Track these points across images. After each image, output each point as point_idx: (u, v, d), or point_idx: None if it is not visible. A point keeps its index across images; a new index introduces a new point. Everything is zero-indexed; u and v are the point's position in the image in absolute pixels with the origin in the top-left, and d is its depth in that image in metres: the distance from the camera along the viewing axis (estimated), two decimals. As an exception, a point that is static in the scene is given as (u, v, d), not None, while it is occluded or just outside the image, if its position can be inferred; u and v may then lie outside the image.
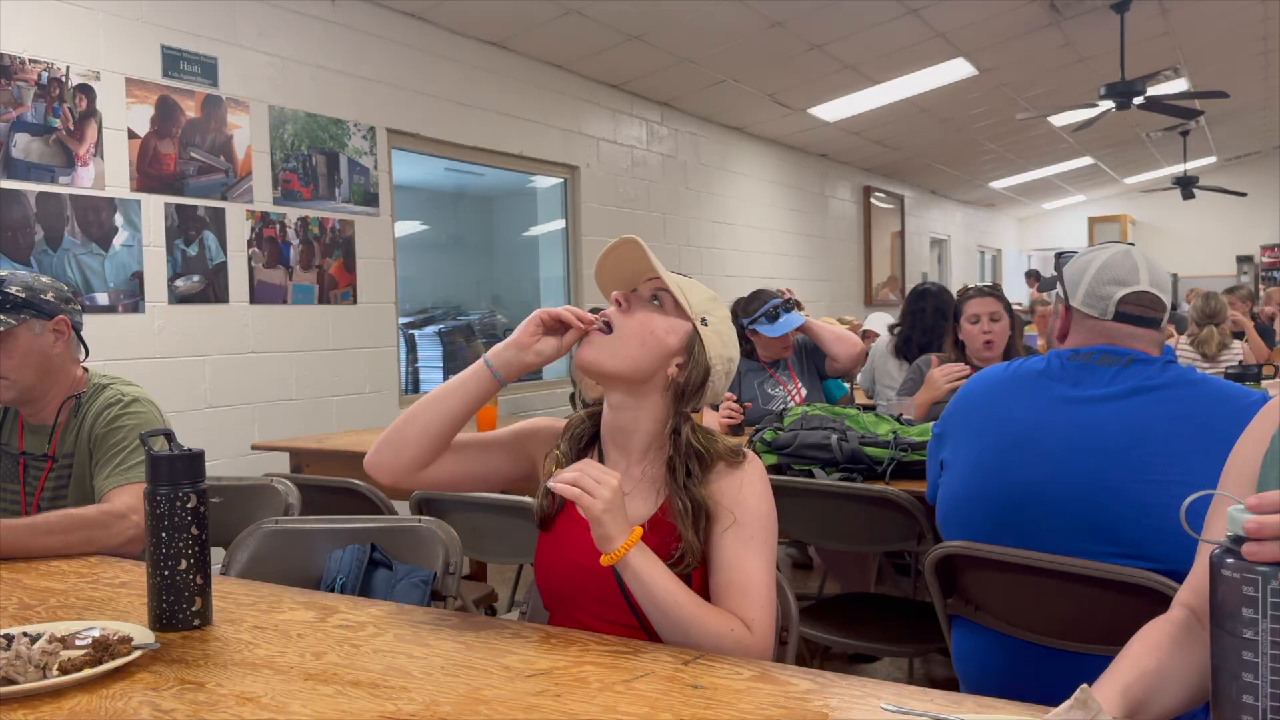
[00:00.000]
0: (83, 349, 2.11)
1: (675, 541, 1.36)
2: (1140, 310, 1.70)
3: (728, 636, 1.28)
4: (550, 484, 1.29)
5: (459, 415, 1.43)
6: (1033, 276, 13.08)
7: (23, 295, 1.99)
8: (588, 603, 1.40)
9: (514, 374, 1.43)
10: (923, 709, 1.01)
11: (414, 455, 1.43)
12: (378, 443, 1.46)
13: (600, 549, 1.28)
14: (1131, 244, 1.81)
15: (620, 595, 1.35)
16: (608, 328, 1.41)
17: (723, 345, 1.45)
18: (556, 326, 1.43)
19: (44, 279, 2.06)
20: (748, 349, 3.63)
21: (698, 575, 1.38)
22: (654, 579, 1.28)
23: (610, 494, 1.26)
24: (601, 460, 1.47)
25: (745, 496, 1.38)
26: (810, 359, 3.71)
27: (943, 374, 3.17)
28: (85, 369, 2.12)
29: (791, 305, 3.57)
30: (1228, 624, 0.81)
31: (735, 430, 3.23)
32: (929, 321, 4.00)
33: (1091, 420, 1.64)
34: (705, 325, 1.43)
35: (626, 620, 1.37)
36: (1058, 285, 1.80)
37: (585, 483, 1.25)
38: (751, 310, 3.57)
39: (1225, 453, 1.15)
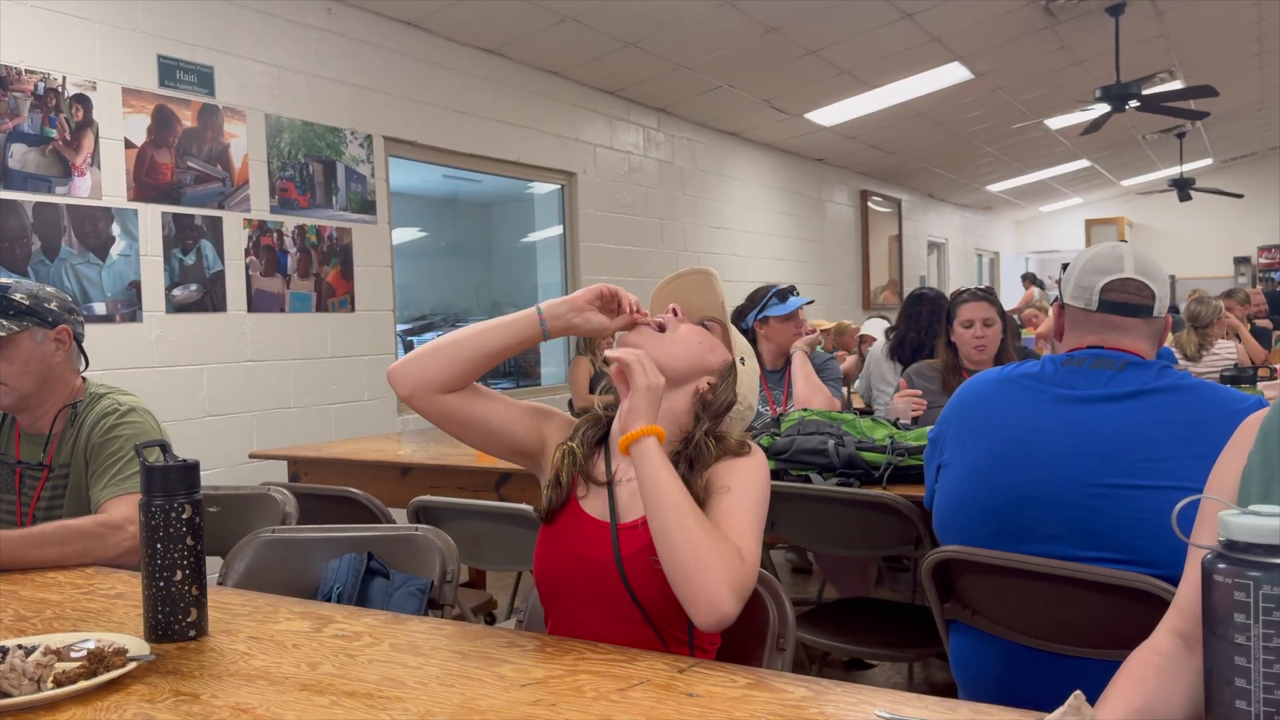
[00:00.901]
0: (83, 359, 2.12)
1: None
2: (1124, 297, 1.68)
3: (723, 550, 1.25)
4: (610, 353, 1.40)
5: (497, 351, 1.48)
6: (1028, 279, 13.10)
7: (26, 303, 2.00)
8: (587, 596, 1.40)
9: (559, 330, 1.49)
10: (918, 716, 1.01)
11: (438, 372, 1.45)
12: (407, 355, 1.49)
13: (626, 425, 1.35)
14: (1124, 241, 1.80)
15: (621, 585, 1.36)
16: (660, 328, 1.49)
17: (749, 390, 1.52)
18: (612, 306, 1.49)
19: (48, 288, 2.08)
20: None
21: None
22: (661, 471, 1.31)
23: (658, 380, 1.36)
24: (608, 458, 1.49)
25: (740, 468, 1.41)
26: None
27: (907, 405, 3.16)
28: (84, 379, 2.13)
29: (797, 292, 3.59)
30: (1220, 629, 0.81)
31: None
32: (925, 324, 4.02)
33: (1086, 424, 1.64)
34: (743, 364, 1.52)
35: (626, 614, 1.37)
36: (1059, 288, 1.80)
37: (644, 361, 1.37)
38: (758, 299, 3.56)
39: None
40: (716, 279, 1.53)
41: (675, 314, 1.51)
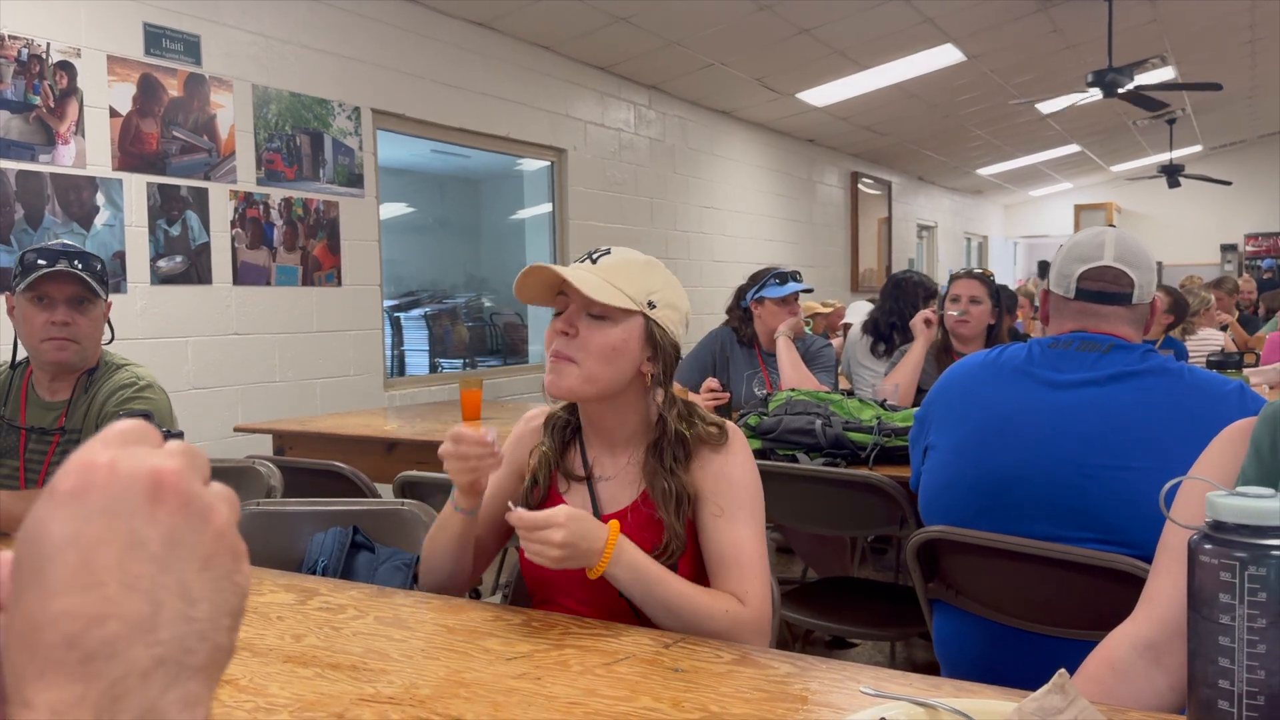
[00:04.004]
0: (111, 332, 2.18)
1: (657, 526, 1.36)
2: (1101, 285, 1.68)
3: (722, 617, 1.28)
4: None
5: (460, 547, 1.46)
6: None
7: (106, 275, 2.12)
8: (573, 587, 1.41)
9: (473, 502, 1.42)
10: (902, 693, 1.01)
11: (451, 574, 1.48)
12: (423, 569, 1.53)
13: (587, 571, 1.27)
14: (1112, 226, 1.80)
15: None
16: (569, 360, 1.37)
17: (675, 310, 1.42)
18: (466, 459, 1.36)
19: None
20: (749, 334, 3.58)
21: (686, 562, 1.38)
22: (645, 569, 1.29)
23: (562, 541, 1.22)
24: (584, 451, 1.47)
25: (730, 471, 1.39)
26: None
27: (895, 388, 3.19)
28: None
29: (800, 278, 3.58)
30: (1204, 610, 0.82)
31: (721, 412, 3.21)
32: (909, 310, 3.97)
33: (1071, 406, 1.64)
34: (653, 307, 1.38)
35: (612, 603, 1.37)
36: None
37: (532, 549, 1.24)
38: (759, 278, 3.54)
39: (1202, 440, 1.15)
40: (555, 268, 1.36)
41: (567, 333, 1.36)
